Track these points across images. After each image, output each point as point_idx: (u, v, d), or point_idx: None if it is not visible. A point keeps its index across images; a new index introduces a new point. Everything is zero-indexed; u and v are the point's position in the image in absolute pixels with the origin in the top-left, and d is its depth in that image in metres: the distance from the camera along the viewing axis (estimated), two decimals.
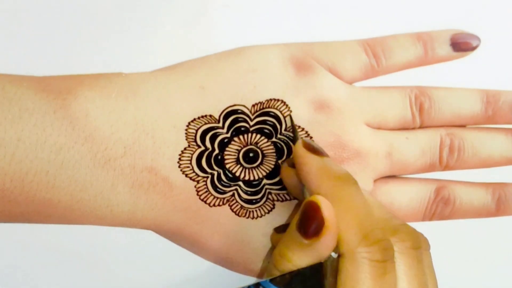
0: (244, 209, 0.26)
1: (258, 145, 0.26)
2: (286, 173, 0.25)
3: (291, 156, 0.25)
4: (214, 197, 0.26)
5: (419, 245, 0.22)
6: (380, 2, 0.30)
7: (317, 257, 0.21)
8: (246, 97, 0.26)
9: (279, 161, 0.26)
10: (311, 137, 0.26)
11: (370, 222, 0.21)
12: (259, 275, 0.28)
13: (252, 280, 0.22)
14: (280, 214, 0.26)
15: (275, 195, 0.26)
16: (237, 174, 0.26)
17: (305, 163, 0.23)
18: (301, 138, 0.25)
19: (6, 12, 0.26)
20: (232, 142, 0.26)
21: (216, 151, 0.26)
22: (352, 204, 0.22)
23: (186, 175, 0.25)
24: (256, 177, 0.26)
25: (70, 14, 0.27)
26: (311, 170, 0.23)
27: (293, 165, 0.25)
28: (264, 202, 0.26)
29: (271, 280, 0.21)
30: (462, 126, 0.29)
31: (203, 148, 0.26)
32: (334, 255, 0.21)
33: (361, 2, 0.30)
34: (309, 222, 0.21)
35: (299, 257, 0.21)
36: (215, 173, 0.26)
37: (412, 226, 0.23)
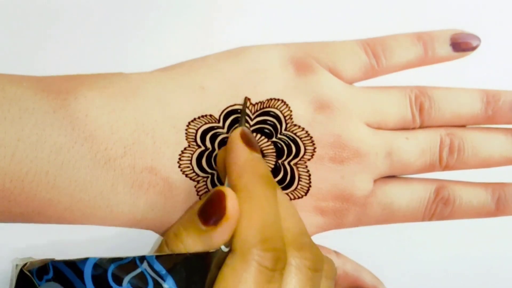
0: None
1: (258, 144, 0.26)
2: (220, 155, 0.25)
3: None
4: None
5: (319, 268, 0.22)
6: (380, 2, 0.30)
7: (209, 245, 0.21)
8: None
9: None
10: (311, 137, 0.26)
11: (274, 229, 0.21)
12: None
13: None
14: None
15: None
16: None
17: (235, 152, 0.23)
18: (243, 127, 0.24)
19: (6, 12, 0.26)
20: None
21: (217, 151, 0.26)
22: (263, 206, 0.21)
23: (186, 175, 0.25)
24: None
25: (70, 14, 0.27)
26: (237, 160, 0.23)
27: None
28: None
29: (157, 257, 0.20)
30: (462, 126, 0.29)
31: (203, 148, 0.26)
32: (224, 248, 0.21)
33: (361, 2, 0.30)
34: (211, 209, 0.21)
35: (193, 241, 0.21)
36: (215, 173, 0.26)
37: (320, 251, 0.23)
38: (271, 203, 0.22)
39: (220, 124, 0.26)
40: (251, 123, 0.26)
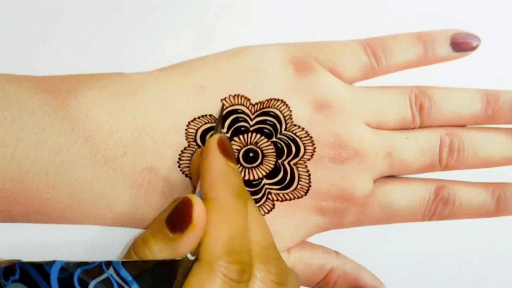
0: None
1: (258, 145, 0.26)
2: (194, 159, 0.25)
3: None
4: None
5: (284, 282, 0.22)
6: (380, 2, 0.30)
7: (176, 253, 0.21)
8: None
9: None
10: (311, 137, 0.26)
11: (241, 242, 0.21)
12: None
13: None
14: (280, 213, 0.26)
15: (274, 195, 0.26)
16: None
17: (210, 159, 0.22)
18: (221, 135, 0.23)
19: (6, 12, 0.26)
20: (232, 142, 0.26)
21: None
22: (232, 218, 0.21)
23: (186, 175, 0.25)
24: (256, 177, 0.26)
25: (70, 14, 0.27)
26: (211, 168, 0.22)
27: None
28: (264, 202, 0.26)
29: (124, 263, 0.20)
30: (462, 126, 0.29)
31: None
32: (190, 256, 0.21)
33: (361, 2, 0.30)
34: (178, 217, 0.21)
35: (160, 248, 0.21)
36: None
37: (287, 265, 0.23)
38: (240, 215, 0.22)
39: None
40: (251, 123, 0.26)
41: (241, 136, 0.26)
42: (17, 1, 0.26)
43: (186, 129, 0.25)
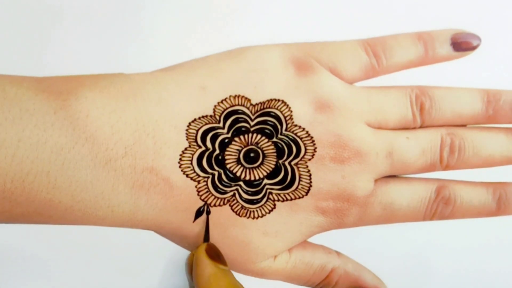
0: (244, 209, 0.26)
1: (259, 145, 0.26)
2: (189, 262, 0.26)
3: None
4: (215, 197, 0.26)
5: None
6: (380, 2, 0.30)
7: None
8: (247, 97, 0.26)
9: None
10: (311, 137, 0.26)
11: None
12: (260, 275, 0.28)
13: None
14: (281, 214, 0.26)
15: (275, 195, 0.26)
16: (238, 174, 0.26)
17: (200, 266, 0.25)
18: (208, 242, 0.26)
19: (6, 12, 0.26)
20: (233, 142, 0.26)
21: (217, 151, 0.26)
22: None
23: (187, 175, 0.25)
24: (257, 177, 0.26)
25: (70, 15, 0.27)
26: (202, 275, 0.24)
27: None
28: (265, 202, 0.26)
29: None
30: (463, 125, 0.29)
31: (203, 148, 0.26)
32: None
33: (361, 2, 0.30)
34: None
35: None
36: (216, 173, 0.26)
37: None
38: None
39: (221, 125, 0.26)
40: (252, 123, 0.26)
41: (241, 137, 0.26)
42: (17, 2, 0.26)
43: (186, 130, 0.25)
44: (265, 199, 0.26)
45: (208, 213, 0.26)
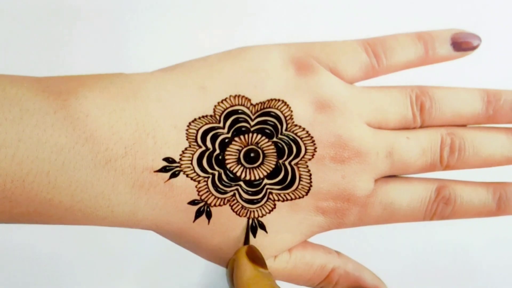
0: (244, 209, 0.26)
1: (259, 145, 0.26)
2: (230, 268, 0.26)
3: None
4: (215, 197, 0.26)
5: None
6: (380, 2, 0.30)
7: None
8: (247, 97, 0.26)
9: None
10: (312, 137, 0.26)
11: None
12: None
13: None
14: (281, 214, 0.26)
15: (276, 195, 0.26)
16: (238, 174, 0.26)
17: (240, 268, 0.25)
18: (248, 245, 0.26)
19: (6, 12, 0.26)
20: (233, 142, 0.26)
21: (217, 151, 0.26)
22: None
23: (187, 175, 0.25)
24: (257, 177, 0.26)
25: (70, 14, 0.27)
26: (242, 277, 0.24)
27: None
28: (265, 202, 0.26)
29: None
30: (463, 125, 0.29)
31: (204, 148, 0.26)
32: None
33: (361, 2, 0.30)
34: None
35: None
36: (216, 173, 0.26)
37: None
38: None
39: (221, 125, 0.26)
40: (252, 123, 0.26)
41: (242, 137, 0.26)
42: (17, 2, 0.27)
43: (187, 130, 0.25)
44: (265, 199, 0.26)
45: (209, 214, 0.26)
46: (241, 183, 0.26)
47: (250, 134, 0.26)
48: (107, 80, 0.25)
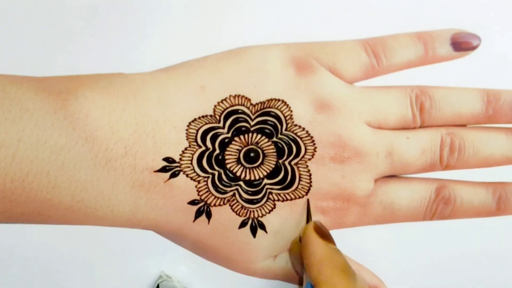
0: (244, 209, 0.26)
1: (259, 145, 0.26)
2: (293, 247, 0.26)
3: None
4: (215, 197, 0.26)
5: None
6: (380, 2, 0.30)
7: None
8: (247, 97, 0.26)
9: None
10: (311, 137, 0.26)
11: None
12: (260, 275, 0.28)
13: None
14: (281, 214, 0.26)
15: (275, 195, 0.26)
16: (238, 174, 0.26)
17: (311, 246, 0.24)
18: (314, 221, 0.25)
19: (6, 12, 0.26)
20: (233, 142, 0.26)
21: (217, 151, 0.26)
22: None
23: (187, 175, 0.25)
24: (257, 177, 0.26)
25: (70, 14, 0.27)
26: (315, 254, 0.24)
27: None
28: (265, 202, 0.26)
29: None
30: (463, 125, 0.29)
31: (203, 148, 0.26)
32: None
33: (361, 2, 0.30)
34: None
35: None
36: (216, 173, 0.26)
37: None
38: None
39: (221, 124, 0.26)
40: (252, 123, 0.26)
41: (241, 136, 0.26)
42: (18, 1, 0.27)
43: (186, 129, 0.25)
44: (265, 199, 0.26)
45: (209, 214, 0.26)
46: (241, 183, 0.26)
47: (250, 134, 0.26)
48: (107, 80, 0.25)
